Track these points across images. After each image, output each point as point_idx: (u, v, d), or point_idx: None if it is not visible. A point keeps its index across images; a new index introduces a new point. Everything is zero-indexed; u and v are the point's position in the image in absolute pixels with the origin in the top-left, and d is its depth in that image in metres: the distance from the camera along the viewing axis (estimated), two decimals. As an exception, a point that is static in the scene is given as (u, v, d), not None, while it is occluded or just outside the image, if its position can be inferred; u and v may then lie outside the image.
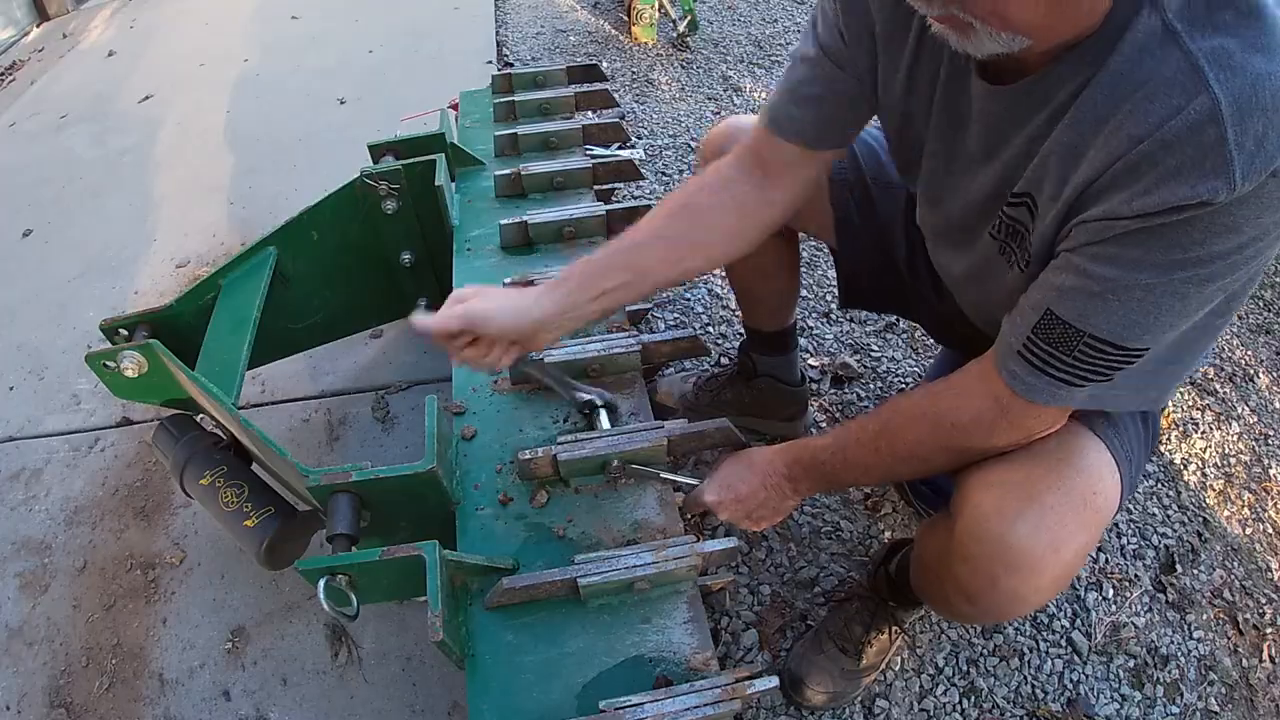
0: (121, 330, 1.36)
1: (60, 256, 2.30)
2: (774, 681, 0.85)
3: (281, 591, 1.39)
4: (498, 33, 3.05)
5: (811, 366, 1.72)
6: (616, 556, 0.92)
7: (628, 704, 0.82)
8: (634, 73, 2.76)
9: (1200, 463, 1.56)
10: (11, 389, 1.92)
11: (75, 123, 3.02)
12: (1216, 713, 1.29)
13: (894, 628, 1.25)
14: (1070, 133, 0.69)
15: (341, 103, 2.78)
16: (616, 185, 1.70)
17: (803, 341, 1.74)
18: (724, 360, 1.74)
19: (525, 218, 1.38)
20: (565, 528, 1.00)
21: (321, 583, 0.90)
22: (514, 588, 0.90)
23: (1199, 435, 1.62)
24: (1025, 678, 1.29)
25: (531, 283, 1.25)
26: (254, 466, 1.27)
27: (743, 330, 1.53)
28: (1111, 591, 1.38)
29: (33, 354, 1.99)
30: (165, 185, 2.51)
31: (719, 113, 2.53)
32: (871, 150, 1.19)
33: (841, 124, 0.95)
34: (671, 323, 1.84)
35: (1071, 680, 1.29)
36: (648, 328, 1.80)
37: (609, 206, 1.39)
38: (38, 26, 4.05)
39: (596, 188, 1.54)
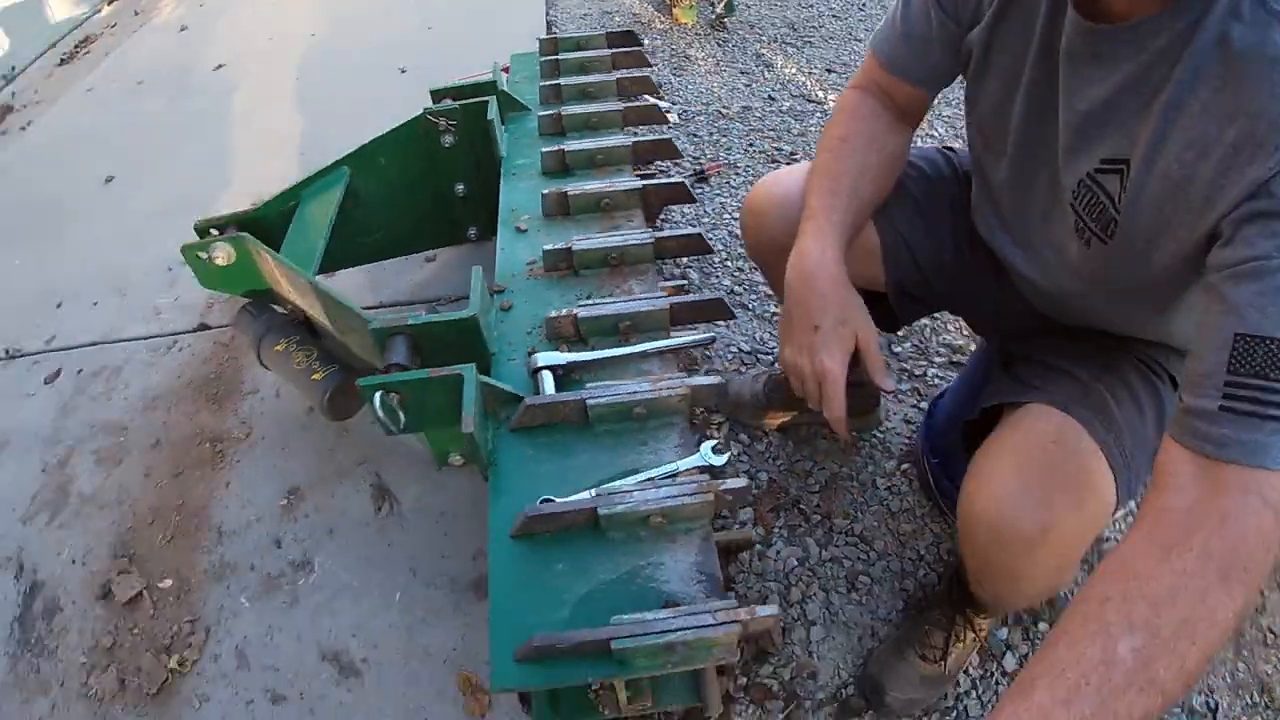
0: (213, 230, 1.66)
1: (141, 197, 2.66)
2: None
3: (336, 460, 1.67)
4: (547, 13, 3.39)
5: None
6: (621, 385, 1.16)
7: (620, 490, 1.06)
8: (673, 49, 3.07)
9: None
10: (95, 304, 2.25)
11: (151, 87, 3.42)
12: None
13: (972, 634, 1.28)
14: (1172, 98, 0.70)
15: (403, 72, 3.14)
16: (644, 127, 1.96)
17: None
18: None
19: (563, 147, 1.65)
20: (582, 376, 1.25)
21: (377, 396, 1.14)
22: (534, 405, 1.15)
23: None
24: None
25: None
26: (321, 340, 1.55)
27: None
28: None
29: (115, 275, 2.33)
30: (239, 140, 2.87)
31: (750, 85, 2.81)
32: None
33: (945, 69, 1.04)
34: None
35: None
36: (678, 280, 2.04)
37: (635, 139, 1.65)
38: (109, 4, 4.50)
39: (627, 129, 1.80)
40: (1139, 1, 0.72)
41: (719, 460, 1.14)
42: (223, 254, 1.56)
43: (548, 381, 1.20)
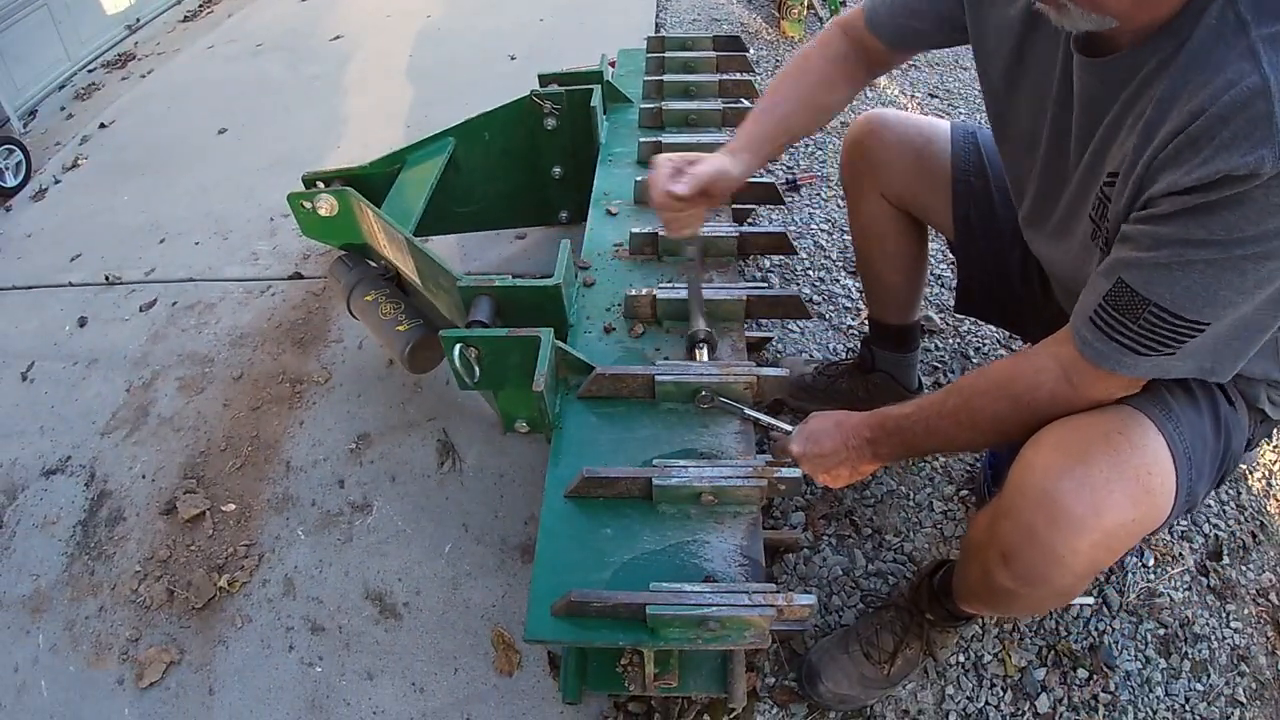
0: (319, 182, 1.81)
1: (251, 151, 2.88)
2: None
3: (407, 413, 1.81)
4: (657, 16, 3.55)
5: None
6: (690, 366, 1.24)
7: (676, 464, 1.14)
8: (778, 59, 3.18)
9: (1268, 473, 1.72)
10: (197, 244, 2.45)
11: (270, 50, 3.70)
12: (1243, 704, 1.44)
13: (920, 645, 1.33)
14: (1150, 112, 0.80)
15: (512, 59, 3.33)
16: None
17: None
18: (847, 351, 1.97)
19: (660, 138, 1.75)
20: (653, 354, 1.33)
21: (456, 349, 1.24)
22: (604, 375, 1.24)
23: (1271, 449, 1.77)
24: (1051, 614, 1.48)
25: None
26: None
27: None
28: (1153, 561, 1.55)
29: (219, 220, 2.53)
30: (350, 107, 3.10)
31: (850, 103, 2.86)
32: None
33: (920, 41, 1.22)
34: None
35: (1097, 629, 1.45)
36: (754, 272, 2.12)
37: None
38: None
39: (725, 129, 1.89)
40: (1130, 33, 0.82)
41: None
42: (326, 205, 1.71)
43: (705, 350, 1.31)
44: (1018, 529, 0.93)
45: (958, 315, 1.92)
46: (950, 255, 2.10)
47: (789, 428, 1.22)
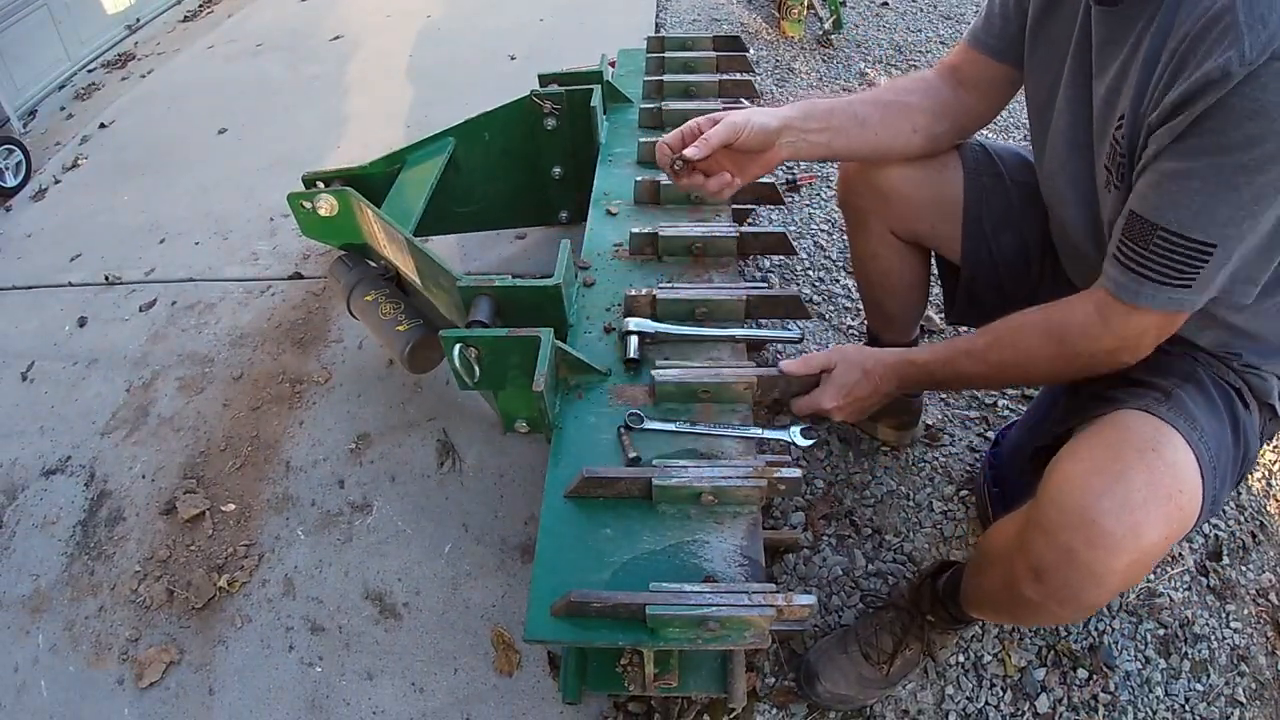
0: (319, 182, 1.81)
1: (251, 151, 2.88)
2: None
3: (406, 413, 1.81)
4: (657, 16, 3.55)
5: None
6: (687, 367, 1.24)
7: (676, 464, 1.14)
8: (778, 60, 3.18)
9: (1268, 473, 1.72)
10: (197, 244, 2.45)
11: (270, 50, 3.70)
12: (1242, 704, 1.44)
13: (923, 649, 1.33)
14: (1148, 51, 0.88)
15: (512, 59, 3.34)
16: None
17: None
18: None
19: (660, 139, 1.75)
20: (659, 350, 1.33)
21: (456, 349, 1.24)
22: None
23: (1271, 449, 1.77)
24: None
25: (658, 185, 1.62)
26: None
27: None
28: (1151, 561, 1.57)
29: (219, 220, 2.53)
30: (351, 107, 3.10)
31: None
32: (1014, 153, 1.35)
33: (1017, 39, 1.18)
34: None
35: (1096, 630, 1.46)
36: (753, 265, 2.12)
37: (734, 138, 1.74)
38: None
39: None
40: None
41: (804, 442, 1.21)
42: (326, 205, 1.71)
43: (633, 344, 1.30)
44: (1054, 547, 0.91)
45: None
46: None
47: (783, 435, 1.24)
